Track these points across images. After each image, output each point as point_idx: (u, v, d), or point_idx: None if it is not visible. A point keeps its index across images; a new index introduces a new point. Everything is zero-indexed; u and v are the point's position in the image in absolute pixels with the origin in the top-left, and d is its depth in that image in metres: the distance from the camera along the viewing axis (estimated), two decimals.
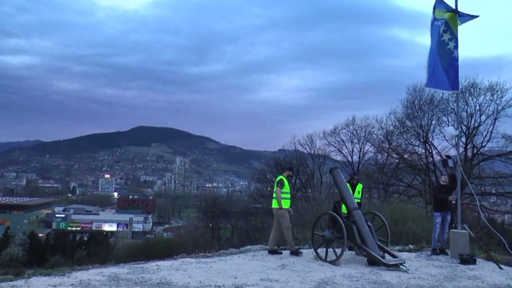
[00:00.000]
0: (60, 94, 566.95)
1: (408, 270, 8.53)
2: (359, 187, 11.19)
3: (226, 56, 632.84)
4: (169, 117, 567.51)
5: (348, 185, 10.59)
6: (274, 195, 10.24)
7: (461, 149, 26.90)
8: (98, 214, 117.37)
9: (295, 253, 10.09)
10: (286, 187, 10.25)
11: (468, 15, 10.57)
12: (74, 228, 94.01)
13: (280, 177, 10.40)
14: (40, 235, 67.68)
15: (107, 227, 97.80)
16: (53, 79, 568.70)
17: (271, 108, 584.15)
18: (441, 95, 27.85)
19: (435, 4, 10.47)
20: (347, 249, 9.88)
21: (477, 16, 10.60)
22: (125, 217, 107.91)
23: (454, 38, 10.49)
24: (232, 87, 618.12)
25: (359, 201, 10.76)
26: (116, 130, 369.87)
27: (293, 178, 10.75)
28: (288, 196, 10.30)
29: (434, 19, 10.45)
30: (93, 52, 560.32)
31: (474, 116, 28.08)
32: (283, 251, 10.38)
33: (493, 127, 27.60)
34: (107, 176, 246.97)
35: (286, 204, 10.16)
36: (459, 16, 10.55)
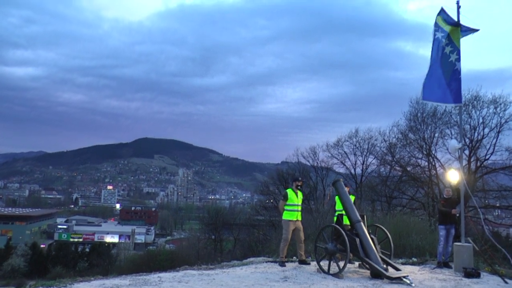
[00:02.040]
0: (65, 105, 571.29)
1: (412, 283, 8.47)
2: (351, 198, 11.18)
3: (231, 67, 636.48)
4: (173, 129, 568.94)
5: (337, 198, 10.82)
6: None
7: (465, 162, 26.82)
8: (100, 226, 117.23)
9: (280, 263, 10.27)
10: (292, 199, 10.44)
11: (469, 28, 10.63)
12: (76, 240, 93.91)
13: (286, 190, 10.76)
14: (42, 246, 67.62)
15: (109, 239, 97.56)
16: (58, 91, 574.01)
17: (274, 120, 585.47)
18: (444, 107, 27.85)
19: (438, 12, 10.56)
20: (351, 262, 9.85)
21: (477, 30, 10.65)
22: (127, 229, 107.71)
23: (456, 50, 10.53)
24: (236, 99, 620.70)
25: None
26: (120, 141, 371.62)
27: (303, 186, 10.94)
28: (295, 208, 10.45)
29: (436, 29, 10.51)
30: (98, 64, 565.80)
31: (478, 129, 28.03)
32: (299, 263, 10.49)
33: (496, 140, 27.53)
34: (109, 187, 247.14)
35: (289, 215, 10.37)
36: (460, 30, 10.60)
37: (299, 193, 10.65)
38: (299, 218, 10.49)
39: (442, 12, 10.57)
